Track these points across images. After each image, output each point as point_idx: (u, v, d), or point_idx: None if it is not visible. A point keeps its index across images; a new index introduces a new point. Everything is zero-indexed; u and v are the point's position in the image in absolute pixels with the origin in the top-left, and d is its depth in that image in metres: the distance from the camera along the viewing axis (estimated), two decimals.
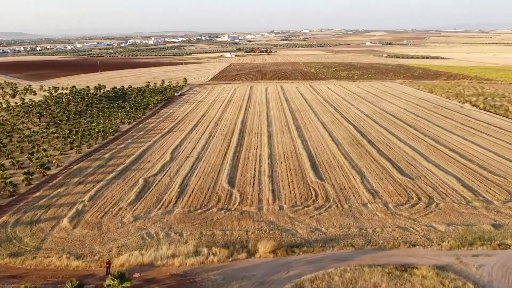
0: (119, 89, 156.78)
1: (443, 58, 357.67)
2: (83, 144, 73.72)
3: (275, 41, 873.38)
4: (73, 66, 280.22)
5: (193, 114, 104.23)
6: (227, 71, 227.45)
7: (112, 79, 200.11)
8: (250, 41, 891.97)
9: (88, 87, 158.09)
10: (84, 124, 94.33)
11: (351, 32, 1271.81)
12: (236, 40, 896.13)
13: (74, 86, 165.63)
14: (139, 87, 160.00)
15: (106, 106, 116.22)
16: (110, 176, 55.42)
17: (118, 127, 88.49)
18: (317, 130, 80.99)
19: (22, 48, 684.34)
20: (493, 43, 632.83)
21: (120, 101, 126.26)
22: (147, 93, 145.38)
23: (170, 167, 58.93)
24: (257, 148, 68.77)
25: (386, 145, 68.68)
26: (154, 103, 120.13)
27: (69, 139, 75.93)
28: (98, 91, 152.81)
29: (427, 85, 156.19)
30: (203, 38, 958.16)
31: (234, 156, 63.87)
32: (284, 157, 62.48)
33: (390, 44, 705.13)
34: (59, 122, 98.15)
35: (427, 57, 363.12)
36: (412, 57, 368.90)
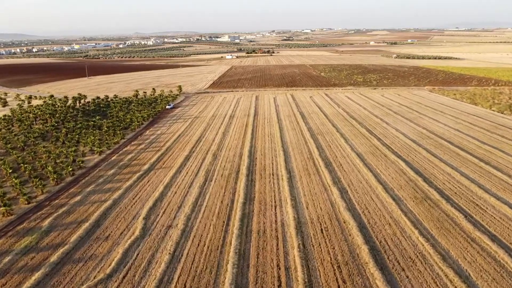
0: (102, 99, 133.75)
1: (456, 58, 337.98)
2: (20, 196, 50.70)
3: (277, 41, 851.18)
4: (61, 70, 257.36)
5: (186, 137, 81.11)
6: (228, 76, 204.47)
7: (99, 86, 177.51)
8: (251, 41, 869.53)
9: (66, 97, 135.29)
10: (42, 154, 71.54)
11: (353, 32, 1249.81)
12: (237, 40, 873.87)
13: (52, 96, 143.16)
14: (126, 97, 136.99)
15: (79, 126, 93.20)
16: (32, 280, 32.38)
17: (82, 162, 65.23)
18: (356, 170, 57.77)
19: (18, 50, 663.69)
20: (500, 42, 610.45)
21: (98, 117, 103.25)
22: (134, 104, 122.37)
23: (137, 256, 35.80)
24: (275, 206, 45.66)
25: (471, 203, 45.47)
26: (139, 121, 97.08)
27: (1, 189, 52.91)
28: (77, 102, 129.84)
29: (462, 93, 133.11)
30: (203, 39, 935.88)
31: (241, 226, 40.76)
32: (322, 231, 39.36)
33: (395, 43, 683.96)
34: (11, 150, 75.16)
35: (439, 58, 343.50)
36: (423, 57, 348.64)
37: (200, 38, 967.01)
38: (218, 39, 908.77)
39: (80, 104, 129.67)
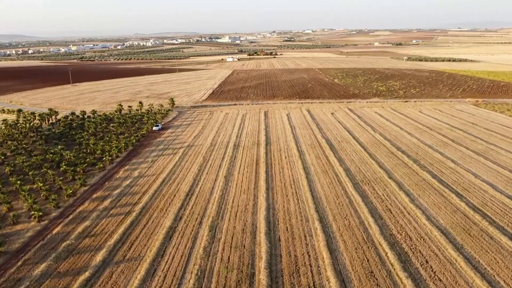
0: (77, 116, 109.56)
1: (471, 60, 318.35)
2: None
3: (278, 42, 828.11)
4: (46, 75, 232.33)
5: (173, 185, 56.66)
6: (229, 83, 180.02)
7: (81, 96, 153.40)
8: (252, 42, 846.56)
9: (33, 113, 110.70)
10: None
11: (355, 32, 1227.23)
12: (238, 41, 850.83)
13: (20, 110, 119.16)
14: (106, 114, 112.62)
15: (32, 160, 68.92)
16: None
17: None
18: (461, 279, 33.26)
19: (14, 52, 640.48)
20: (508, 43, 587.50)
21: (61, 146, 78.74)
22: (114, 125, 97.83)
23: None
24: None
25: None
26: (112, 154, 72.62)
27: None
28: (44, 121, 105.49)
29: None
30: (203, 40, 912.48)
31: None
32: None
33: (400, 44, 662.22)
34: None
35: (453, 60, 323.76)
36: (436, 59, 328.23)
37: (200, 39, 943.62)
38: (218, 40, 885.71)
39: (48, 123, 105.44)
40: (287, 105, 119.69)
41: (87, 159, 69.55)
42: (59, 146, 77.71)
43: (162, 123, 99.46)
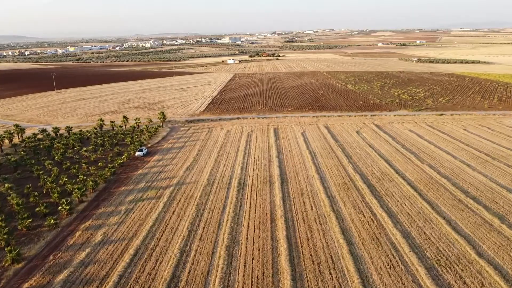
0: (48, 134, 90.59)
1: (484, 62, 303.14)
2: None
3: (280, 43, 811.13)
4: (32, 80, 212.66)
5: (148, 263, 37.35)
6: (230, 89, 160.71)
7: (63, 105, 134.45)
8: (253, 42, 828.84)
9: None
10: None
11: (356, 33, 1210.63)
12: (238, 42, 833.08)
13: None
14: (84, 131, 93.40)
15: None
16: None
17: None
18: None
19: (10, 53, 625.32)
20: None
21: (9, 184, 59.23)
22: (88, 148, 78.28)
23: None
24: None
25: None
26: (74, 196, 53.41)
27: None
28: (4, 140, 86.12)
29: None
30: (203, 40, 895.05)
31: None
32: None
33: (404, 45, 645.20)
34: None
35: (466, 62, 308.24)
36: (448, 61, 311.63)
37: (200, 39, 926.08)
38: (219, 41, 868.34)
39: (10, 144, 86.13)
40: (300, 120, 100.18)
41: (37, 208, 50.35)
42: (7, 184, 58.30)
43: (149, 145, 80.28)
